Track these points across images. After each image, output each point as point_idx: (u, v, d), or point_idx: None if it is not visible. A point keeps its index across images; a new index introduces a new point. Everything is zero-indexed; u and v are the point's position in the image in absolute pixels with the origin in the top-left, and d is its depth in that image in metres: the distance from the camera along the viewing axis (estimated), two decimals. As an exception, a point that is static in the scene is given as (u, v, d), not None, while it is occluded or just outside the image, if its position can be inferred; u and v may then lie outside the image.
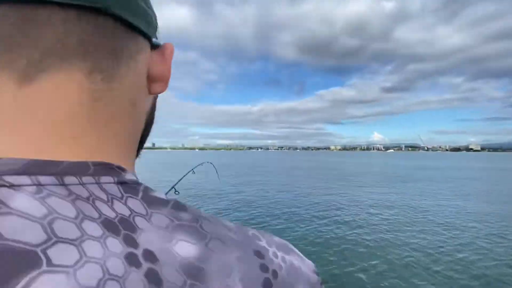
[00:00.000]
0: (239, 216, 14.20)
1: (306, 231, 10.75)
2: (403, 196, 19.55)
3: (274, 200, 18.02)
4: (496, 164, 68.12)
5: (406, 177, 34.06)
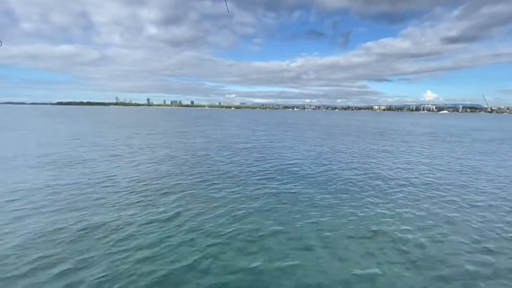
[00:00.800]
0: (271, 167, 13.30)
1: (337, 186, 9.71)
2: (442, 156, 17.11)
3: (303, 154, 17.14)
4: None
5: (442, 137, 30.29)
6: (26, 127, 32.14)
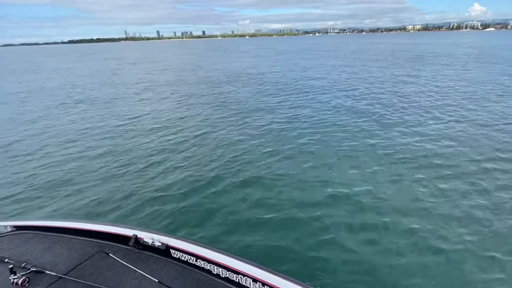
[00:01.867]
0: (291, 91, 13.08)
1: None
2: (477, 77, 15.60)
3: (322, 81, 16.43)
4: None
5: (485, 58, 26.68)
6: (49, 69, 32.71)
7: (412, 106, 10.24)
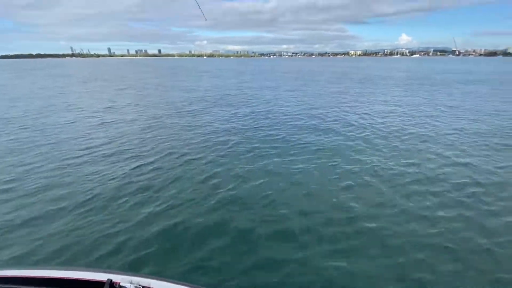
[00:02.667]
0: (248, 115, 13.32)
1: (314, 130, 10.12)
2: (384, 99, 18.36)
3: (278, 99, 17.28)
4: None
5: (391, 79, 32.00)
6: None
7: (367, 123, 11.49)
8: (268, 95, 19.31)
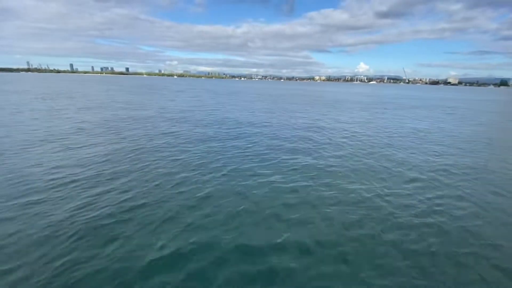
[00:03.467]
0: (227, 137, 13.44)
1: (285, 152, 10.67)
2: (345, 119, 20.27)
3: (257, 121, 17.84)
4: (454, 94, 74.73)
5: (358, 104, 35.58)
6: None
7: (337, 142, 12.55)
8: (246, 116, 19.92)
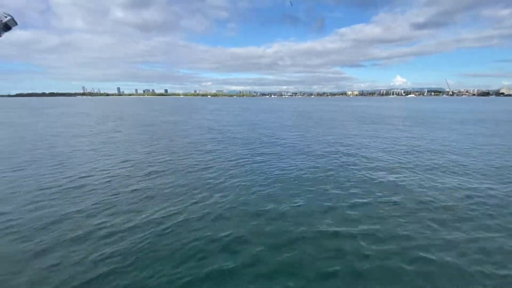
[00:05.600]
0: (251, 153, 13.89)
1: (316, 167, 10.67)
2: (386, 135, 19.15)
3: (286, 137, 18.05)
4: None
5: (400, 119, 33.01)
6: (-3, 121, 29.84)
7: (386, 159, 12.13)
8: (282, 133, 20.26)
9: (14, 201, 7.05)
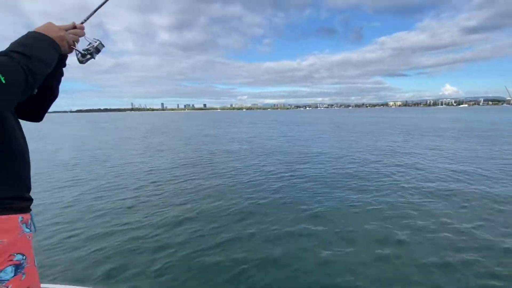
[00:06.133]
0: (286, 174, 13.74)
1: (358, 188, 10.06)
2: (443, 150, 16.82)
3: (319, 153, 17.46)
4: None
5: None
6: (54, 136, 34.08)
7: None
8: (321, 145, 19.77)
9: (83, 214, 7.94)
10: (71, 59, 0.97)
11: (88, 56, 0.91)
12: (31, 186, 0.81)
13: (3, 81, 0.54)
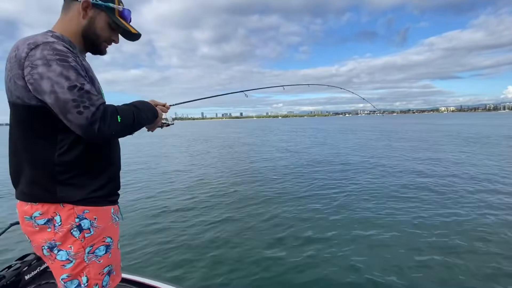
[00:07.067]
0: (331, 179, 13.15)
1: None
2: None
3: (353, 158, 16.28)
4: None
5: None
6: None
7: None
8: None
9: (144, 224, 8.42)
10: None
11: (164, 126, 1.24)
12: (119, 185, 1.02)
13: (119, 120, 0.78)
